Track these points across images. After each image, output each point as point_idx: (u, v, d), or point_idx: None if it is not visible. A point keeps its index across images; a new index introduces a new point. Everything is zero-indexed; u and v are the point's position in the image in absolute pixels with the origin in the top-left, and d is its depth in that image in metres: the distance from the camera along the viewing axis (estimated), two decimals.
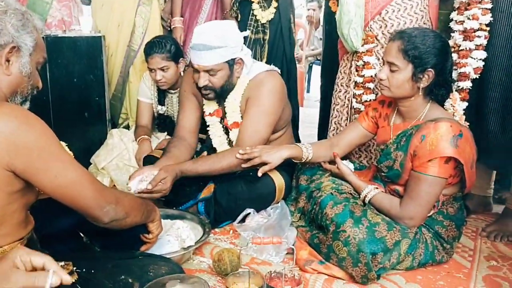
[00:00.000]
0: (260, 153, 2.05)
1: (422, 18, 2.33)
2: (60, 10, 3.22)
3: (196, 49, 2.05)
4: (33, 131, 1.14)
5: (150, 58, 2.70)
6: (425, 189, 1.78)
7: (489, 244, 2.15)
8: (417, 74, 1.79)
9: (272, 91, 2.18)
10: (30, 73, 1.30)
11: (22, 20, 1.27)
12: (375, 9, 2.35)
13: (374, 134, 2.16)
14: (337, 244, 1.77)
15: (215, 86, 2.13)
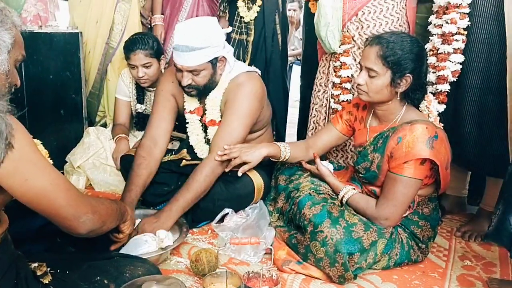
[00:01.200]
0: (239, 153, 2.05)
1: (398, 20, 2.36)
2: (36, 5, 3.16)
3: (179, 50, 2.03)
4: None
5: (133, 55, 2.67)
6: (401, 190, 1.80)
7: (463, 244, 2.19)
8: (395, 79, 1.81)
9: (250, 94, 2.17)
10: (8, 71, 1.27)
11: (0, 16, 1.24)
12: (352, 10, 2.38)
13: (348, 136, 2.19)
14: (315, 245, 1.78)
15: (198, 85, 2.12)
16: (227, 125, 2.16)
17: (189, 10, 3.14)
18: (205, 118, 2.26)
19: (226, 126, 2.16)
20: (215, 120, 2.23)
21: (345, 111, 2.17)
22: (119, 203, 1.59)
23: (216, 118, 2.23)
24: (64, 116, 2.86)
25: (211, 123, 2.24)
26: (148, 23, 3.23)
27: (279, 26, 3.09)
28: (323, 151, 2.24)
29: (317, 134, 2.29)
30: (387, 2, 2.34)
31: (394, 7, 2.35)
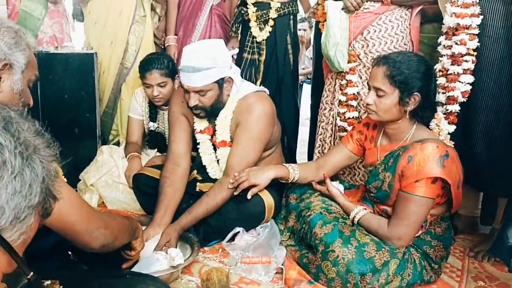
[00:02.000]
0: (247, 176, 2.08)
1: (403, 39, 2.40)
2: (52, 26, 3.24)
3: (186, 71, 2.06)
4: None
5: (148, 74, 2.71)
6: (413, 209, 1.80)
7: (476, 264, 2.17)
8: (403, 98, 1.82)
9: (261, 117, 2.20)
10: (22, 91, 1.31)
11: (15, 38, 1.28)
12: (357, 29, 2.41)
13: (359, 156, 2.19)
14: (326, 264, 1.77)
15: (205, 105, 2.15)
16: (241, 148, 2.18)
17: (202, 31, 3.20)
18: (215, 139, 2.28)
19: (240, 150, 2.18)
20: (226, 140, 2.25)
21: (355, 130, 2.18)
22: (130, 219, 1.60)
23: (226, 139, 2.25)
24: (78, 135, 2.91)
25: (221, 144, 2.26)
26: (162, 43, 3.30)
27: (291, 46, 3.12)
28: (334, 171, 2.24)
29: (327, 154, 2.29)
30: (392, 21, 2.38)
31: (398, 26, 2.38)
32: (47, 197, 0.70)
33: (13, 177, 0.62)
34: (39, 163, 0.66)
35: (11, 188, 0.61)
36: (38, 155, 0.66)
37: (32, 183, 0.64)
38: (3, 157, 0.61)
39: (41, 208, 0.70)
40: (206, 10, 3.20)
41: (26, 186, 0.63)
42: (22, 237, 0.65)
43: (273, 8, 2.98)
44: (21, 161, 0.63)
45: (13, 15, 3.12)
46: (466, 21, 2.06)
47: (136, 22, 3.14)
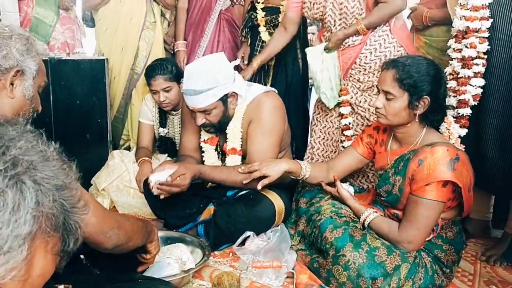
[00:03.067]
0: (259, 167, 2.06)
1: (394, 48, 2.44)
2: (63, 33, 3.28)
3: (188, 94, 2.10)
4: None
5: (153, 80, 2.74)
6: (423, 213, 1.79)
7: (488, 269, 2.15)
8: (413, 102, 1.82)
9: (272, 110, 2.22)
10: (33, 96, 1.33)
11: (26, 44, 1.31)
12: (349, 60, 2.50)
13: (369, 159, 2.19)
14: (337, 269, 1.77)
15: (212, 122, 2.19)
16: (258, 145, 2.20)
17: (210, 36, 3.23)
18: (226, 146, 2.29)
19: (257, 146, 2.20)
20: (236, 148, 2.27)
21: (365, 134, 2.17)
22: (145, 221, 1.61)
23: (236, 147, 2.27)
24: (89, 140, 2.94)
25: (231, 151, 2.28)
26: (172, 49, 3.33)
27: (300, 50, 3.13)
28: (344, 174, 2.23)
29: (338, 157, 2.29)
30: (377, 40, 2.44)
31: (385, 40, 2.44)
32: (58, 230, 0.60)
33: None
34: (31, 185, 0.56)
35: None
36: (31, 176, 0.57)
37: (18, 207, 0.55)
38: None
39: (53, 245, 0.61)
40: (215, 15, 3.22)
41: (8, 210, 0.54)
42: (13, 273, 0.54)
43: (282, 12, 3.00)
44: (2, 181, 0.54)
45: (25, 22, 3.16)
46: (476, 24, 2.05)
47: (146, 28, 3.18)
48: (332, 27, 2.49)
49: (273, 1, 3.04)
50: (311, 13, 2.56)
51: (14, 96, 1.28)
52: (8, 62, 1.26)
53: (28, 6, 3.17)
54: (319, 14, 2.53)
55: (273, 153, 2.22)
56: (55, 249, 0.61)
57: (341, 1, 2.41)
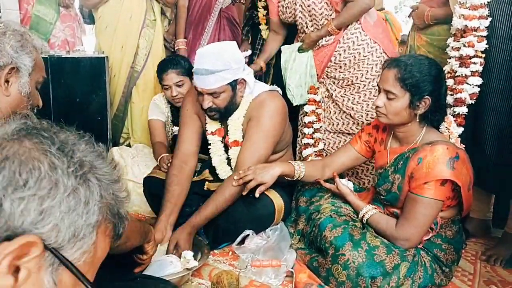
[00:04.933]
0: (253, 175, 2.04)
1: (368, 45, 2.49)
2: (64, 30, 3.28)
3: (199, 73, 2.08)
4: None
5: (165, 75, 2.73)
6: (421, 211, 1.79)
7: (488, 268, 2.15)
8: (414, 101, 1.81)
9: (273, 113, 2.20)
10: (30, 93, 1.32)
11: (21, 41, 1.29)
12: (325, 58, 2.56)
13: (366, 157, 2.19)
14: (336, 268, 1.77)
15: (219, 107, 2.16)
16: (251, 144, 2.18)
17: (211, 34, 3.22)
18: (228, 139, 2.29)
19: (250, 145, 2.18)
20: (238, 140, 2.26)
21: (364, 132, 2.17)
22: (143, 222, 1.61)
23: (238, 139, 2.26)
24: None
25: (234, 143, 2.27)
26: (172, 47, 3.32)
27: None
28: (340, 171, 2.22)
29: (334, 153, 2.29)
30: (350, 37, 2.49)
31: (358, 38, 2.49)
32: (114, 217, 0.71)
33: (66, 195, 0.62)
34: (95, 182, 0.66)
35: (64, 207, 0.62)
36: (95, 173, 0.67)
37: (88, 201, 0.64)
38: (56, 177, 0.62)
39: (109, 230, 0.71)
40: (215, 13, 3.21)
41: (82, 204, 0.63)
42: (86, 256, 0.64)
43: None
44: (75, 180, 0.63)
45: (25, 19, 3.16)
46: (474, 23, 2.05)
47: (146, 26, 3.17)
48: (305, 28, 2.57)
49: None
50: (284, 16, 2.65)
51: (9, 94, 1.27)
52: (2, 60, 1.25)
53: (29, 3, 3.17)
54: (292, 18, 2.61)
55: (264, 156, 2.19)
56: (111, 233, 0.71)
57: (309, 4, 2.48)
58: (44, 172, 0.61)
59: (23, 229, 0.59)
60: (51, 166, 0.62)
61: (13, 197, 0.58)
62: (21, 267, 0.58)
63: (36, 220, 0.59)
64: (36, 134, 0.65)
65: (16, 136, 0.65)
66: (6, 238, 0.58)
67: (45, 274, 0.61)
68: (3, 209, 0.58)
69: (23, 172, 0.60)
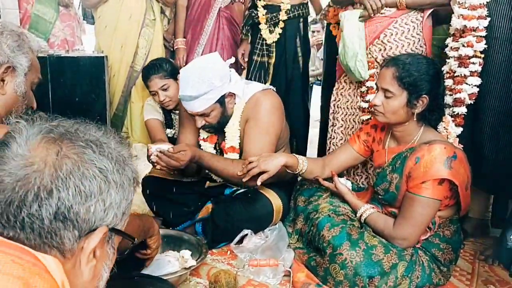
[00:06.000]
0: (257, 162, 2.03)
1: (418, 41, 2.39)
2: (63, 30, 3.28)
3: (184, 99, 2.11)
4: None
5: (149, 82, 2.77)
6: (419, 210, 1.79)
7: (487, 268, 2.15)
8: (412, 100, 1.82)
9: (270, 109, 2.20)
10: (25, 93, 1.33)
11: (18, 41, 1.30)
12: (374, 34, 2.40)
13: (365, 157, 2.19)
14: (334, 267, 1.77)
15: (212, 123, 2.18)
16: (254, 144, 2.18)
17: (210, 34, 3.22)
18: (224, 144, 2.28)
19: (253, 145, 2.18)
20: (235, 146, 2.27)
21: (363, 131, 2.17)
22: (144, 217, 1.60)
23: (235, 145, 2.26)
24: None
25: (230, 149, 2.28)
26: (171, 46, 3.32)
27: (300, 48, 3.14)
28: (339, 170, 2.22)
29: (334, 153, 2.29)
30: (408, 24, 2.37)
31: (414, 29, 2.37)
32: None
33: (117, 189, 0.76)
34: (128, 169, 0.80)
35: (118, 198, 0.76)
36: (126, 163, 0.80)
37: (128, 186, 0.79)
38: (108, 179, 0.75)
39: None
40: (214, 12, 3.21)
41: (126, 191, 0.78)
42: (127, 220, 0.82)
43: (283, 10, 3.00)
44: (120, 176, 0.77)
45: (25, 19, 3.17)
46: (473, 23, 2.04)
47: (146, 25, 3.18)
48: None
49: None
50: None
51: (5, 93, 1.28)
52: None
53: (28, 3, 3.17)
54: None
55: (269, 152, 2.19)
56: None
57: None
58: (99, 179, 0.74)
59: (96, 225, 0.74)
60: (101, 171, 0.75)
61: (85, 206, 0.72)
62: (96, 249, 0.75)
63: (103, 216, 0.74)
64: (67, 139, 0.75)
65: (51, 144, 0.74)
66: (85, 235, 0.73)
67: (107, 246, 0.78)
68: (80, 216, 0.72)
69: (85, 184, 0.73)
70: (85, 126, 0.81)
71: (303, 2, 3.08)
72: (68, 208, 0.71)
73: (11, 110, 1.30)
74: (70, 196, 0.71)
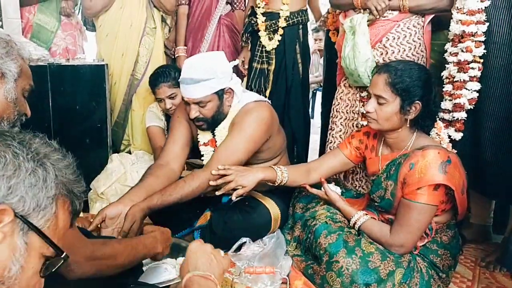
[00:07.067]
0: (234, 176, 1.99)
1: (419, 46, 2.39)
2: (65, 39, 3.31)
3: (185, 83, 2.08)
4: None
5: (157, 89, 2.76)
6: (415, 216, 1.78)
7: (487, 275, 2.13)
8: (405, 106, 1.82)
9: (256, 120, 2.15)
10: (16, 99, 1.33)
11: (6, 47, 1.31)
12: (376, 37, 2.39)
13: (355, 163, 2.18)
14: (331, 275, 1.77)
15: (206, 117, 2.15)
16: (229, 145, 2.12)
17: (210, 41, 3.23)
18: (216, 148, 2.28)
19: (228, 147, 2.12)
20: None
21: (355, 138, 2.16)
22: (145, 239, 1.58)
23: None
24: (89, 145, 2.94)
25: None
26: (172, 54, 3.34)
27: (300, 55, 3.13)
28: (327, 175, 2.18)
29: (321, 158, 2.27)
30: (410, 28, 2.36)
31: (416, 33, 2.37)
32: (70, 193, 0.86)
33: (27, 174, 0.78)
34: (50, 165, 0.82)
35: (27, 182, 0.78)
36: (49, 159, 0.83)
37: (46, 178, 0.80)
38: (18, 161, 0.78)
39: (68, 204, 0.86)
40: (215, 20, 3.23)
41: (41, 181, 0.79)
42: (49, 223, 0.81)
43: (282, 17, 3.00)
44: (33, 163, 0.80)
45: (27, 28, 3.20)
46: (471, 28, 2.04)
47: (147, 34, 3.19)
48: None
49: (273, 7, 3.04)
50: None
51: None
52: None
53: (30, 12, 3.21)
54: None
55: (241, 158, 2.12)
56: (69, 208, 0.87)
57: None
58: (9, 159, 0.78)
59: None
60: (14, 154, 0.78)
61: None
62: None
63: (6, 193, 0.76)
64: (1, 135, 0.82)
65: None
66: None
67: (17, 237, 0.77)
68: None
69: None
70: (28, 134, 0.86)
71: (302, 9, 3.08)
72: None
73: (2, 116, 1.30)
74: None
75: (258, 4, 3.02)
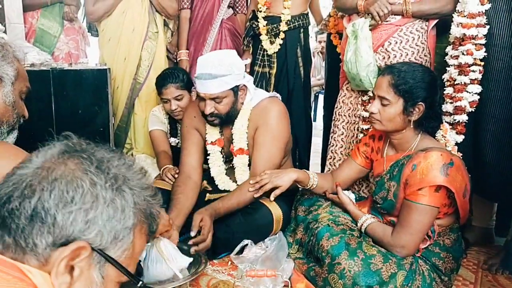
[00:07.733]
0: (269, 178, 2.07)
1: (423, 50, 2.39)
2: (68, 43, 3.33)
3: (202, 78, 2.11)
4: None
5: (164, 89, 2.76)
6: (416, 217, 1.78)
7: (490, 277, 2.12)
8: (408, 108, 1.82)
9: (279, 116, 2.25)
10: (14, 102, 1.34)
11: (1, 51, 1.32)
12: (378, 41, 2.40)
13: (368, 169, 2.19)
14: (333, 277, 1.76)
15: (221, 113, 2.19)
16: (266, 151, 2.21)
17: (212, 45, 3.24)
18: (233, 147, 2.30)
19: (265, 152, 2.21)
20: (243, 148, 2.28)
21: (362, 143, 2.18)
22: None
23: (244, 147, 2.28)
24: None
25: (239, 151, 2.29)
26: (174, 57, 3.35)
27: (301, 58, 3.14)
28: (346, 184, 2.24)
29: (339, 168, 2.31)
30: (413, 32, 2.37)
31: (419, 38, 2.37)
32: (147, 218, 0.82)
33: (105, 206, 0.74)
34: (128, 191, 0.78)
35: (105, 215, 0.74)
36: (127, 184, 0.79)
37: (124, 208, 0.76)
38: (96, 192, 0.74)
39: (145, 229, 0.82)
40: (217, 24, 3.24)
41: (119, 212, 0.76)
42: (126, 253, 0.77)
43: (283, 21, 3.02)
44: (112, 193, 0.76)
45: (30, 33, 3.22)
46: (472, 31, 2.05)
47: (149, 38, 3.20)
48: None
49: (274, 10, 3.06)
50: None
51: None
52: None
53: (33, 17, 3.23)
54: None
55: (279, 160, 2.24)
56: (146, 231, 0.83)
57: None
58: (87, 189, 0.73)
59: (74, 237, 0.72)
60: (92, 183, 0.74)
61: (63, 212, 0.71)
62: (75, 267, 0.72)
63: (83, 228, 0.72)
64: (77, 156, 0.77)
65: (61, 159, 0.76)
66: (61, 244, 0.71)
67: (94, 271, 0.74)
68: (57, 221, 0.71)
69: (69, 190, 0.72)
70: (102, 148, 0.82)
71: (303, 13, 3.09)
72: (46, 210, 0.71)
73: (1, 120, 1.31)
74: (51, 198, 0.71)
75: (259, 8, 3.04)
